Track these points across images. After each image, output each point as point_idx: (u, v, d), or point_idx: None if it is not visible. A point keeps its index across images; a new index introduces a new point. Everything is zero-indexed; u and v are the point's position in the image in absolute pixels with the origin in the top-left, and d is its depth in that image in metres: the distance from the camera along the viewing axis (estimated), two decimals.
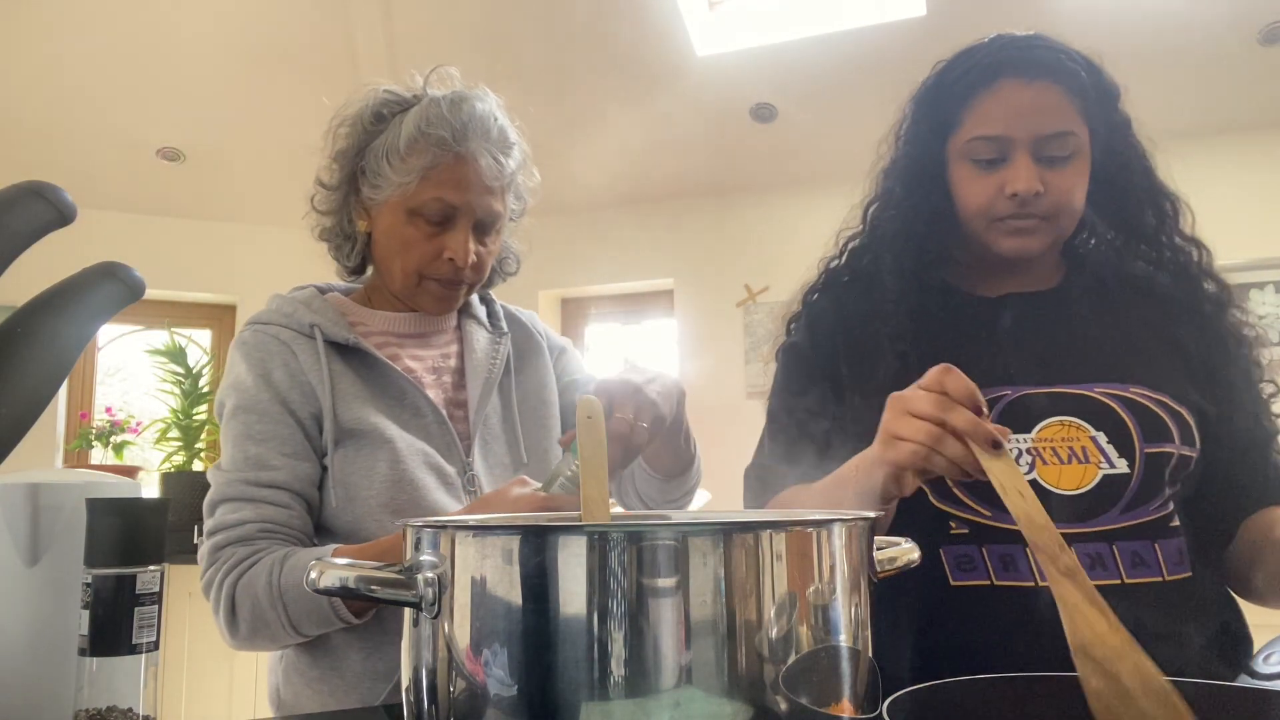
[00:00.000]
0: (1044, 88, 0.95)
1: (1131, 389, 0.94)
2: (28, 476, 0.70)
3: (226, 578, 0.99)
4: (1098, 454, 0.91)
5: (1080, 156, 0.97)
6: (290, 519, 1.02)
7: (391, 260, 1.11)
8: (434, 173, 1.05)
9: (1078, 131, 0.96)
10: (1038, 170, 0.95)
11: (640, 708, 0.46)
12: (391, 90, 1.12)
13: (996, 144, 0.96)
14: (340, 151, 1.14)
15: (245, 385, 1.06)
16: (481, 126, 1.07)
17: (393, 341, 1.16)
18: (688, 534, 0.48)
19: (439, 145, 1.05)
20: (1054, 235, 0.99)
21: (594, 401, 0.65)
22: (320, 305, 1.14)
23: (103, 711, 0.57)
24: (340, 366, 1.09)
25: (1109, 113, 1.00)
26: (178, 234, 4.14)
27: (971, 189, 0.99)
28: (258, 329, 1.11)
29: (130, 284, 0.44)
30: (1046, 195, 0.95)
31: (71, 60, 3.31)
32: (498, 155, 1.08)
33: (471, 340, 1.20)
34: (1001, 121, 0.96)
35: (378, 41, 3.35)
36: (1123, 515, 0.91)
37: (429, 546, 0.53)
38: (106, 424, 3.95)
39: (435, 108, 1.06)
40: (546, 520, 0.70)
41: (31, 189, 0.41)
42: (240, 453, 1.04)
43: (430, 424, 1.10)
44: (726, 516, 0.64)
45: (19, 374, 0.40)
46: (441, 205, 1.06)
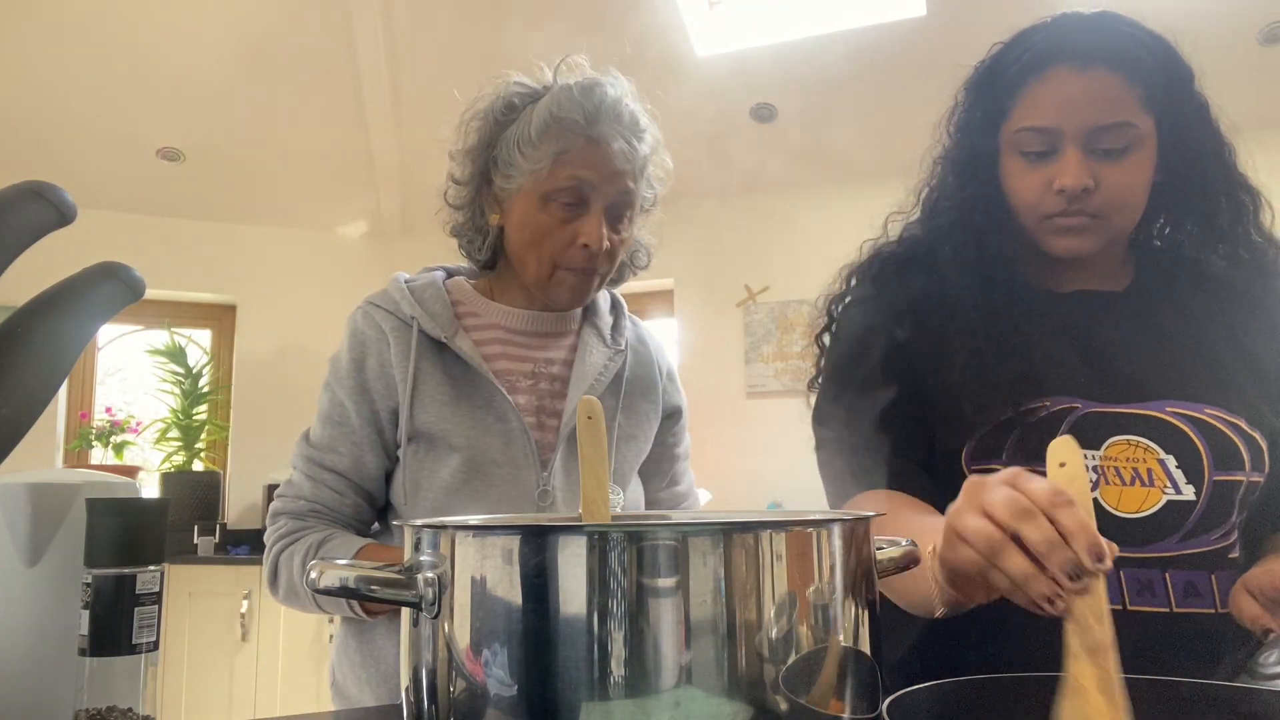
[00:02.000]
0: (1099, 76, 0.88)
1: (1206, 410, 0.88)
2: (28, 476, 0.70)
3: (274, 545, 1.07)
4: (1164, 478, 0.86)
5: (1140, 149, 0.89)
6: (342, 505, 1.09)
7: (525, 250, 1.10)
8: (566, 156, 1.04)
9: (1136, 122, 0.88)
10: (1089, 164, 0.88)
11: (640, 708, 0.46)
12: (521, 81, 1.11)
13: (1045, 136, 0.90)
14: (471, 146, 1.13)
15: (341, 366, 1.12)
16: (613, 110, 1.06)
17: (502, 337, 1.15)
18: (688, 534, 0.48)
19: (571, 129, 1.04)
20: (1108, 234, 0.91)
21: (594, 402, 0.66)
22: (431, 295, 1.14)
23: (103, 711, 0.57)
24: (430, 364, 1.10)
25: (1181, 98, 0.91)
26: (178, 234, 4.13)
27: (1020, 183, 0.93)
28: (368, 310, 1.14)
29: (130, 284, 0.44)
30: (1098, 191, 0.88)
31: (71, 60, 3.31)
32: (630, 139, 1.08)
33: (585, 350, 1.17)
34: (1051, 112, 0.89)
35: (378, 41, 3.34)
36: (1181, 543, 0.86)
37: (429, 546, 0.53)
38: (106, 424, 3.95)
39: (566, 93, 1.06)
40: (546, 520, 0.70)
41: (31, 189, 0.41)
42: (318, 429, 1.11)
43: (513, 431, 1.09)
44: (726, 516, 0.64)
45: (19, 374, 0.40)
46: (575, 185, 1.05)
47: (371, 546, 1.05)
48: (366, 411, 1.09)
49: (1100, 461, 0.87)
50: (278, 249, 4.25)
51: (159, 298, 4.13)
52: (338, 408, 1.10)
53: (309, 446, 1.11)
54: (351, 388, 1.09)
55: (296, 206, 4.18)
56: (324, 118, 3.69)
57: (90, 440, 3.91)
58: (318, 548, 1.03)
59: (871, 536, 0.57)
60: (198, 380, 4.09)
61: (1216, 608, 0.85)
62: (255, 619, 3.47)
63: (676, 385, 1.29)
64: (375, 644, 1.10)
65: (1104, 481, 0.86)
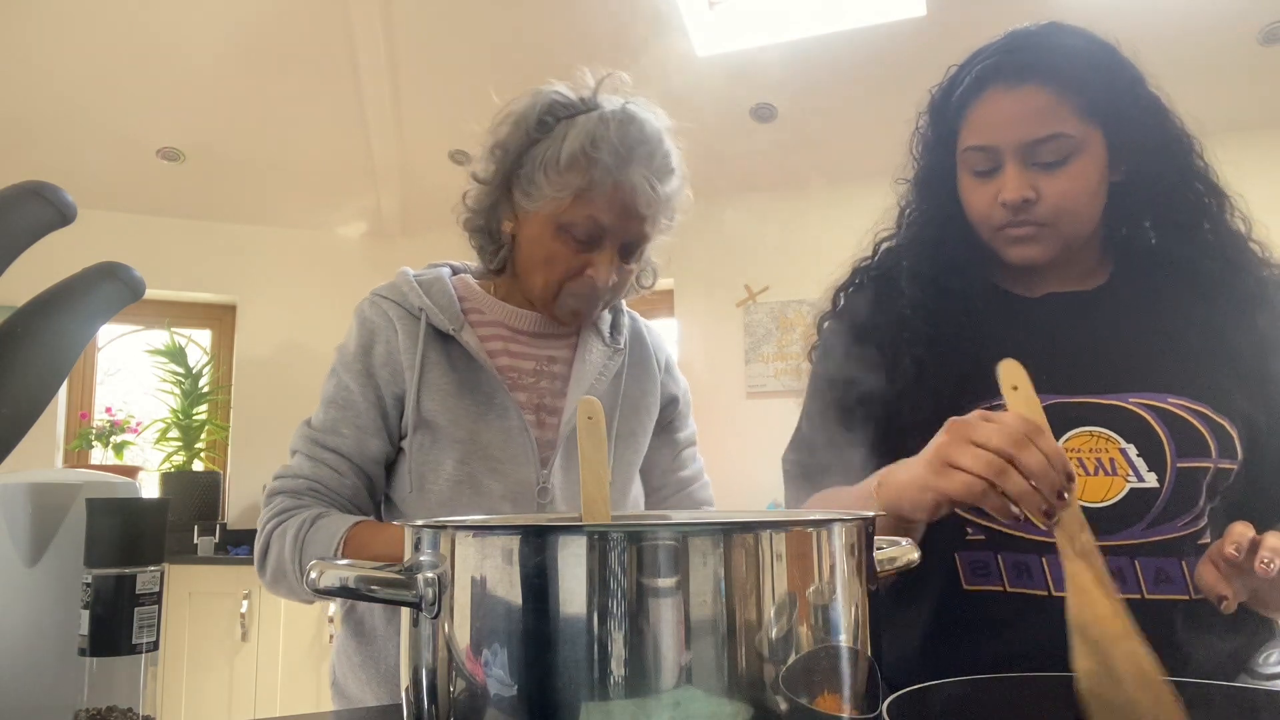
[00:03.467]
0: (1030, 92, 0.92)
1: (1169, 399, 0.90)
2: (28, 476, 0.70)
3: (268, 523, 1.06)
4: (1126, 467, 0.89)
5: (1081, 156, 0.93)
6: (341, 485, 1.08)
7: (533, 270, 1.10)
8: (589, 194, 1.03)
9: (1071, 132, 0.92)
10: (1029, 176, 0.93)
11: (640, 708, 0.46)
12: (561, 92, 1.09)
13: (987, 154, 0.95)
14: (500, 144, 1.10)
15: (348, 352, 1.12)
16: (645, 151, 1.04)
17: (504, 334, 1.15)
18: (688, 534, 0.48)
19: (599, 168, 1.02)
20: (1059, 240, 0.95)
21: (594, 402, 0.66)
22: (439, 289, 1.15)
23: (103, 711, 0.57)
24: (436, 355, 1.10)
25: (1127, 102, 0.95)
26: (178, 234, 4.13)
27: (972, 199, 0.98)
28: (376, 300, 1.14)
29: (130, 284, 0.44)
30: (1040, 202, 0.93)
31: (71, 60, 3.31)
32: (656, 183, 1.06)
33: (585, 349, 1.18)
34: (989, 131, 0.94)
35: (378, 41, 3.34)
36: (1148, 530, 0.88)
37: (429, 546, 0.53)
38: (106, 424, 3.95)
39: (602, 128, 1.03)
40: (546, 520, 0.70)
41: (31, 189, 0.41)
42: (321, 413, 1.11)
43: (514, 428, 1.09)
44: (726, 516, 0.64)
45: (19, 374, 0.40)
46: (591, 225, 1.05)
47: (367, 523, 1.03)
48: (372, 395, 1.09)
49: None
50: (278, 249, 4.25)
51: (159, 298, 4.13)
52: (343, 391, 1.10)
53: (310, 429, 1.11)
54: (358, 372, 1.10)
55: (296, 206, 4.17)
56: (324, 118, 3.69)
57: (90, 440, 3.91)
58: (312, 523, 1.02)
59: (871, 536, 0.57)
60: (198, 380, 4.09)
61: (1190, 594, 0.86)
62: (255, 619, 3.47)
63: (674, 375, 1.29)
64: (375, 644, 1.11)
65: None
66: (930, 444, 0.76)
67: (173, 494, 3.82)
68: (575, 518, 0.73)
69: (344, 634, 1.15)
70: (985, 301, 1.01)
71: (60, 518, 0.69)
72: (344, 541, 0.99)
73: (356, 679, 1.12)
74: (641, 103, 1.09)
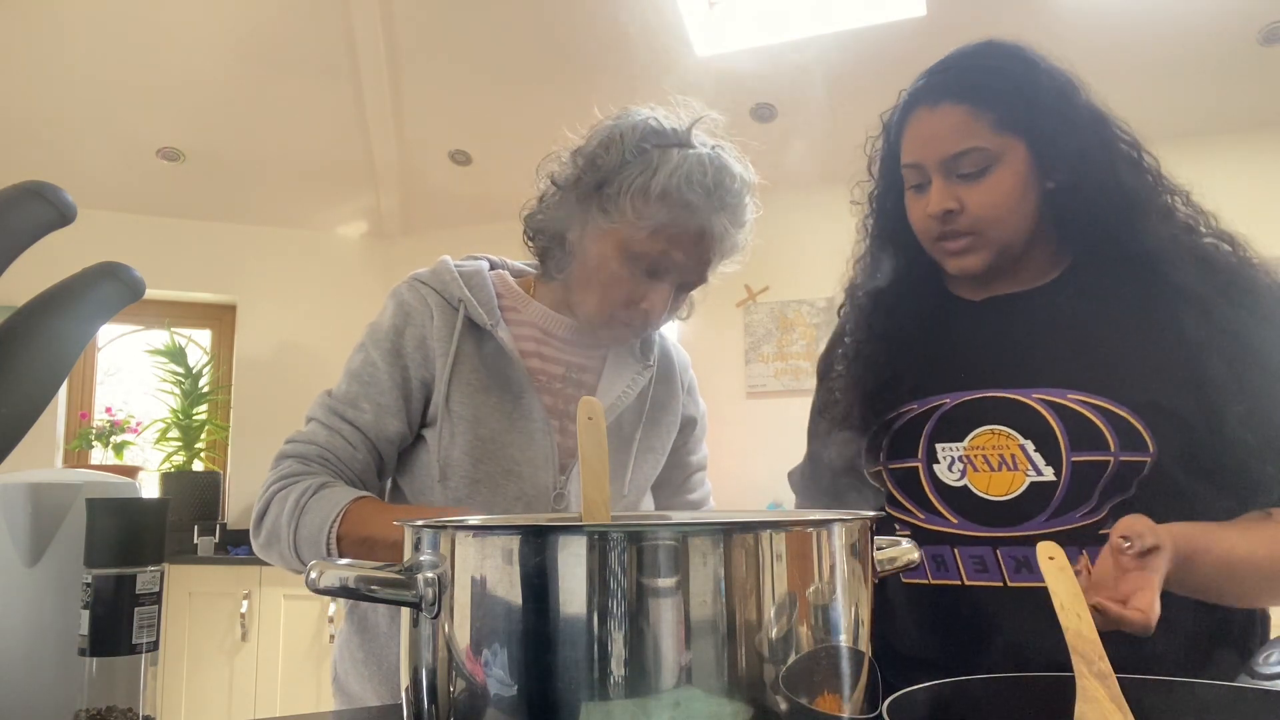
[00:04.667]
0: (947, 110, 0.98)
1: (1069, 395, 0.93)
2: (28, 476, 0.70)
3: (273, 484, 1.04)
4: (1025, 462, 0.93)
5: (999, 166, 0.97)
6: (353, 458, 1.07)
7: (589, 289, 1.10)
8: (669, 230, 1.04)
9: (986, 145, 0.97)
10: (952, 189, 0.98)
11: (640, 708, 0.46)
12: (657, 119, 1.09)
13: (917, 170, 1.01)
14: (587, 157, 1.09)
15: (380, 329, 1.12)
16: (733, 200, 1.06)
17: (537, 336, 1.15)
18: (688, 534, 0.48)
19: (686, 209, 1.03)
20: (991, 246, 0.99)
21: (594, 402, 0.66)
22: (479, 282, 1.14)
23: (103, 711, 0.57)
24: (470, 348, 1.10)
25: (1049, 113, 0.98)
26: (178, 234, 4.13)
27: (912, 214, 1.04)
28: (415, 285, 1.14)
29: (130, 284, 0.44)
30: (964, 212, 0.98)
31: (71, 60, 3.31)
32: (734, 230, 1.08)
33: (616, 359, 1.18)
34: (916, 149, 1.00)
35: (378, 42, 3.34)
36: (1049, 521, 0.92)
37: (429, 546, 0.53)
38: (106, 424, 3.95)
39: (699, 169, 1.04)
40: (546, 520, 0.70)
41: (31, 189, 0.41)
42: (344, 384, 1.10)
43: (537, 431, 1.09)
44: (726, 516, 0.64)
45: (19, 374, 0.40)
46: (661, 260, 1.05)
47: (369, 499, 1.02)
48: (398, 375, 1.09)
49: (966, 451, 0.96)
50: (278, 249, 4.25)
51: (159, 298, 4.13)
52: (369, 367, 1.09)
53: (330, 399, 1.10)
54: (387, 350, 1.09)
55: (296, 206, 4.17)
56: (324, 118, 3.69)
57: (90, 440, 3.91)
58: (315, 490, 1.00)
59: (872, 536, 0.57)
60: (198, 380, 4.09)
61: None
62: (255, 619, 3.47)
63: (695, 398, 1.30)
64: (378, 642, 1.11)
65: (972, 469, 0.96)
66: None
67: (173, 494, 3.82)
68: (575, 518, 0.73)
69: (347, 630, 1.15)
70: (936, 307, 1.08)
71: (60, 518, 0.69)
72: (344, 514, 0.97)
73: (359, 675, 1.11)
74: (732, 151, 1.11)
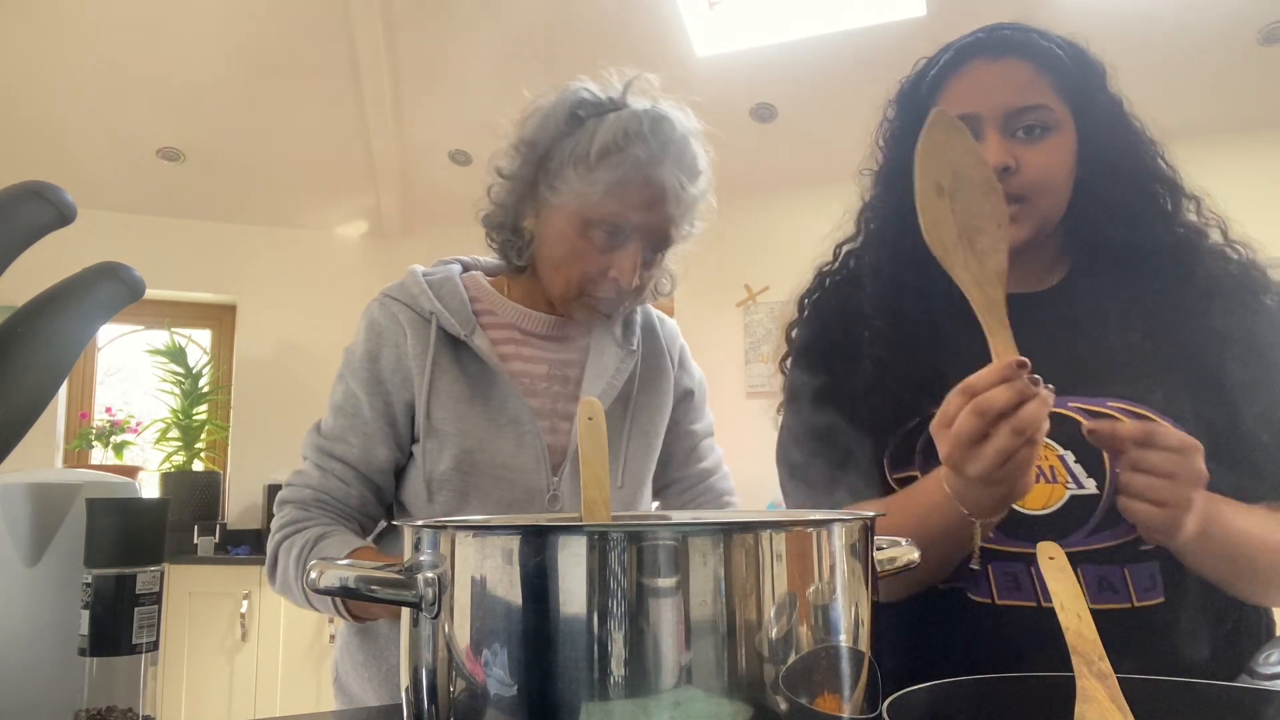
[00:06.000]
0: (1012, 63, 0.92)
1: (1109, 403, 0.87)
2: (28, 476, 0.70)
3: (276, 534, 1.06)
4: (1065, 473, 0.87)
5: (1059, 133, 0.92)
6: (349, 495, 1.08)
7: (555, 268, 1.08)
8: (620, 189, 1.01)
9: (1052, 106, 0.91)
10: (1009, 145, 0.91)
11: (640, 708, 0.46)
12: (590, 89, 1.07)
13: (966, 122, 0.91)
14: (527, 141, 1.08)
15: (355, 357, 1.11)
16: (676, 150, 1.03)
17: (516, 338, 1.13)
18: (688, 534, 0.48)
19: (632, 163, 1.01)
20: (1035, 220, 0.92)
21: (594, 402, 0.66)
22: (449, 290, 1.12)
23: (103, 711, 0.57)
24: (447, 360, 1.08)
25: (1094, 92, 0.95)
26: (178, 234, 4.13)
27: None
28: (385, 302, 1.12)
29: (130, 284, 0.44)
30: (1020, 172, 0.90)
31: (71, 60, 3.31)
32: (686, 182, 1.05)
33: (598, 352, 1.15)
34: (970, 99, 0.93)
35: (378, 42, 3.34)
36: (1090, 538, 0.86)
37: (429, 546, 0.53)
38: (106, 424, 3.95)
39: (635, 123, 1.02)
40: (546, 520, 0.70)
41: (31, 189, 0.41)
42: (330, 419, 1.10)
43: (526, 434, 1.08)
44: (726, 516, 0.64)
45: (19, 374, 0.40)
46: (618, 223, 1.03)
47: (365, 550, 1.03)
48: (380, 403, 1.08)
49: None
50: (278, 249, 4.25)
51: (159, 298, 4.13)
52: (350, 399, 1.09)
53: (319, 436, 1.10)
54: (365, 379, 1.08)
55: (296, 206, 4.17)
56: (324, 118, 3.69)
57: (90, 440, 3.91)
58: (314, 543, 1.03)
59: (872, 536, 0.57)
60: (198, 380, 4.09)
61: (1132, 602, 0.85)
62: (255, 619, 3.47)
63: (689, 368, 1.27)
64: (378, 643, 1.11)
65: None
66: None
67: (173, 494, 3.82)
68: (575, 518, 0.73)
69: (347, 631, 1.15)
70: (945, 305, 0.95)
71: (60, 518, 0.69)
72: None
73: (359, 676, 1.11)
74: (671, 103, 1.08)
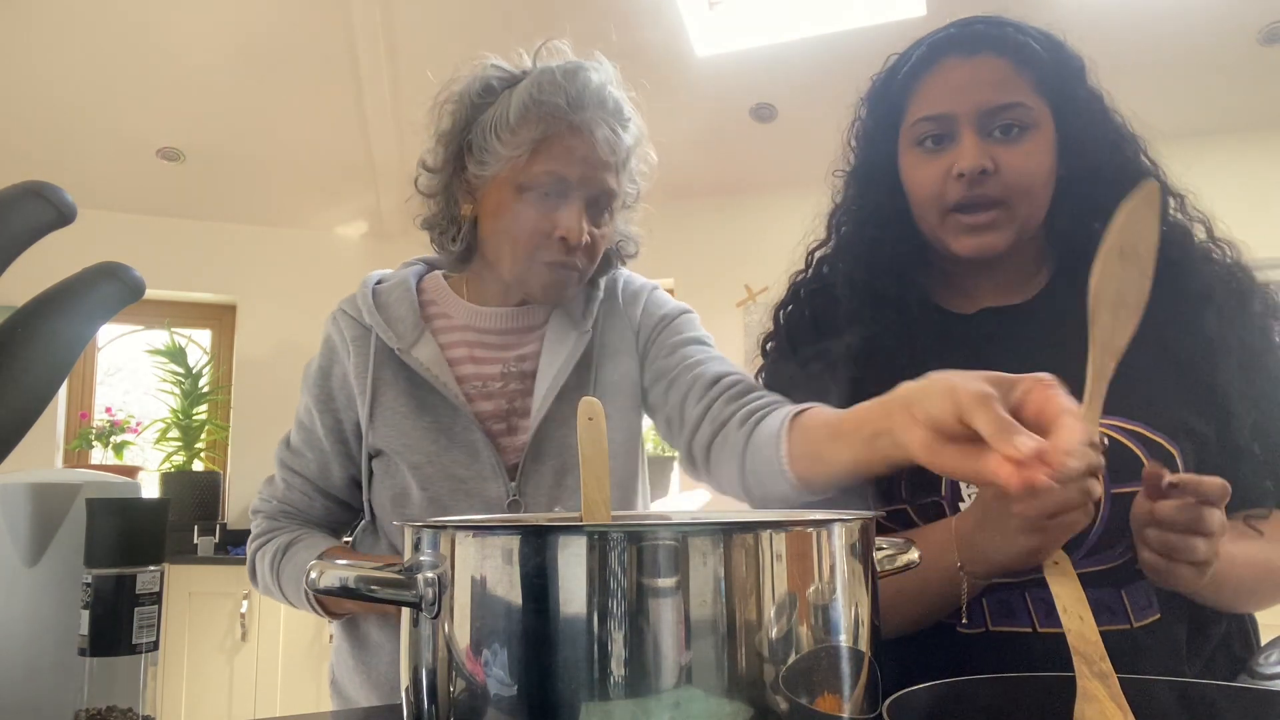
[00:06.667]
0: (987, 60, 0.88)
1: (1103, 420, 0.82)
2: (28, 476, 0.70)
3: (251, 543, 1.10)
4: None
5: (1037, 131, 0.88)
6: (311, 508, 1.11)
7: (500, 242, 1.03)
8: (546, 144, 0.98)
9: (1029, 104, 0.88)
10: (986, 146, 0.87)
11: (640, 708, 0.46)
12: (499, 65, 1.05)
13: (940, 122, 0.89)
14: (445, 131, 1.05)
15: (310, 372, 1.12)
16: (597, 97, 1.00)
17: (470, 339, 1.09)
18: (688, 534, 0.48)
19: (553, 114, 0.97)
20: (1015, 224, 0.88)
21: (594, 403, 0.65)
22: (398, 297, 1.09)
23: (103, 711, 0.57)
24: (391, 374, 1.05)
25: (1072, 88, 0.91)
26: (178, 234, 4.13)
27: (919, 176, 0.91)
28: (336, 316, 1.12)
29: (130, 284, 0.44)
30: (998, 174, 0.86)
31: (71, 60, 3.31)
32: (615, 127, 1.01)
33: (553, 341, 1.09)
34: (944, 98, 0.89)
35: (378, 41, 3.34)
36: (1085, 560, 0.83)
37: (429, 546, 0.53)
38: (106, 424, 3.95)
39: (548, 76, 0.99)
40: (546, 520, 0.70)
41: (31, 189, 0.41)
42: (294, 433, 1.12)
43: (478, 444, 1.03)
44: (726, 516, 0.64)
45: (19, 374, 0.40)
46: (554, 179, 0.99)
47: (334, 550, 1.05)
48: (330, 421, 1.08)
49: None
50: (278, 249, 4.25)
51: (159, 298, 4.13)
52: (306, 414, 1.10)
53: (286, 450, 1.12)
54: (317, 396, 1.09)
55: (296, 206, 4.17)
56: (324, 118, 3.69)
57: (90, 440, 3.91)
58: (284, 550, 1.06)
59: (872, 536, 0.57)
60: (198, 380, 4.09)
61: (1131, 624, 0.82)
62: (255, 619, 3.47)
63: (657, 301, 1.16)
64: (368, 651, 1.10)
65: None
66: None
67: (173, 494, 3.82)
68: (575, 518, 0.73)
69: (339, 635, 1.15)
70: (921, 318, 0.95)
71: (60, 518, 0.69)
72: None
73: (352, 681, 1.12)
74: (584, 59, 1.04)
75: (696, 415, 0.99)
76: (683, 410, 1.02)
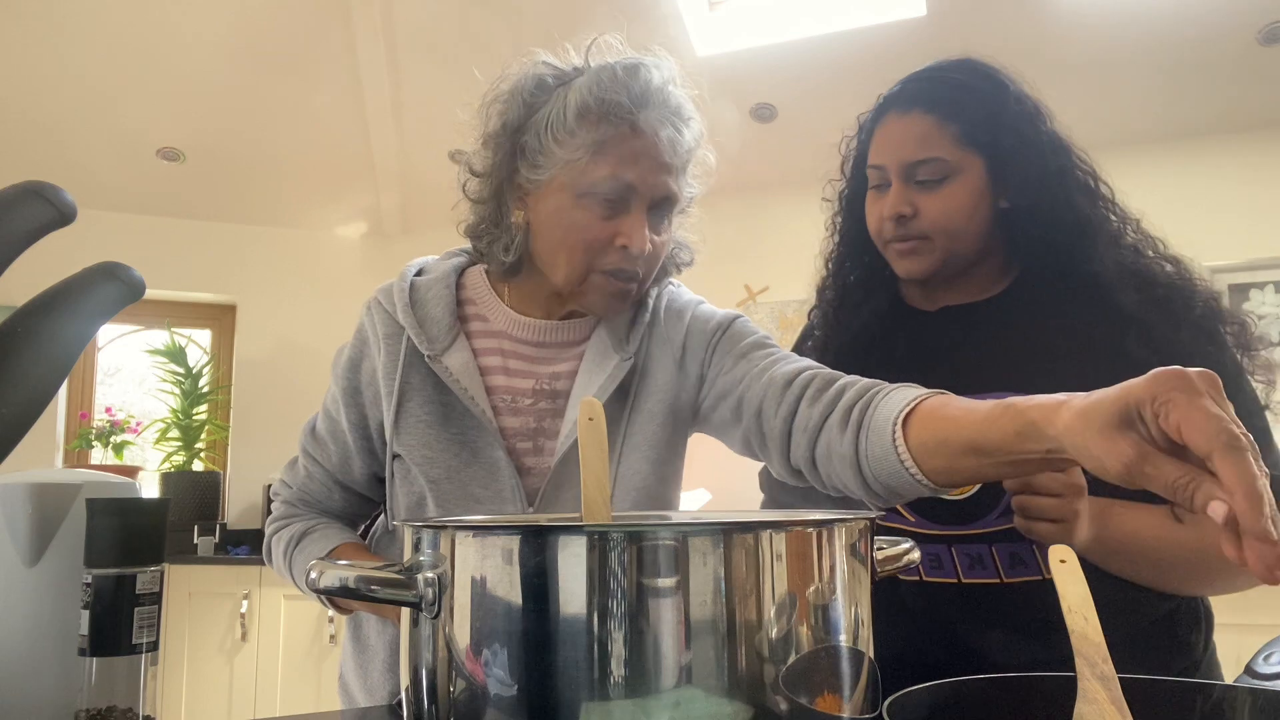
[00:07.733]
0: (916, 118, 1.02)
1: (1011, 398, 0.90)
2: (28, 476, 0.70)
3: (269, 526, 1.10)
4: None
5: (957, 179, 1.01)
6: (329, 499, 1.09)
7: (555, 251, 0.96)
8: (608, 147, 0.92)
9: (947, 156, 1.01)
10: (909, 194, 1.03)
11: (640, 708, 0.46)
12: (550, 62, 0.99)
13: (879, 172, 1.05)
14: (494, 132, 0.99)
15: (341, 360, 1.07)
16: (660, 95, 0.94)
17: (506, 347, 1.03)
18: (688, 534, 0.48)
19: (614, 113, 0.91)
20: (938, 253, 1.03)
21: (594, 403, 0.65)
22: (435, 295, 1.04)
23: (103, 711, 0.57)
24: (419, 378, 1.00)
25: (1009, 135, 1.01)
26: (178, 234, 4.13)
27: (869, 214, 1.08)
28: (371, 307, 1.05)
29: (130, 284, 0.44)
30: (917, 218, 1.02)
31: (71, 60, 3.31)
32: (678, 127, 0.95)
33: (591, 361, 1.02)
34: (882, 151, 1.05)
35: (378, 42, 3.34)
36: (1000, 518, 0.96)
37: (429, 546, 0.53)
38: (106, 424, 3.95)
39: (609, 73, 0.93)
40: (546, 520, 0.70)
41: (31, 189, 0.41)
42: (320, 420, 1.10)
43: (499, 463, 0.99)
44: (726, 516, 0.64)
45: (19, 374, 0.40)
46: (615, 183, 0.92)
47: (348, 546, 1.04)
48: (355, 416, 1.04)
49: None
50: (278, 249, 4.25)
51: (159, 298, 4.13)
52: (333, 404, 1.06)
53: (310, 436, 1.10)
54: (345, 389, 1.04)
55: (296, 206, 4.17)
56: (324, 118, 3.69)
57: (90, 440, 3.91)
58: (298, 539, 1.05)
59: (872, 536, 0.57)
60: (198, 380, 4.09)
61: (1043, 574, 0.95)
62: (255, 619, 3.47)
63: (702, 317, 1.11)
64: (367, 654, 1.10)
65: None
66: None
67: (173, 494, 3.82)
68: (576, 518, 0.73)
69: (347, 634, 1.16)
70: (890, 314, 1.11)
71: (60, 518, 0.69)
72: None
73: (355, 681, 1.13)
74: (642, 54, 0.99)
75: (780, 428, 0.92)
76: (760, 424, 0.95)
